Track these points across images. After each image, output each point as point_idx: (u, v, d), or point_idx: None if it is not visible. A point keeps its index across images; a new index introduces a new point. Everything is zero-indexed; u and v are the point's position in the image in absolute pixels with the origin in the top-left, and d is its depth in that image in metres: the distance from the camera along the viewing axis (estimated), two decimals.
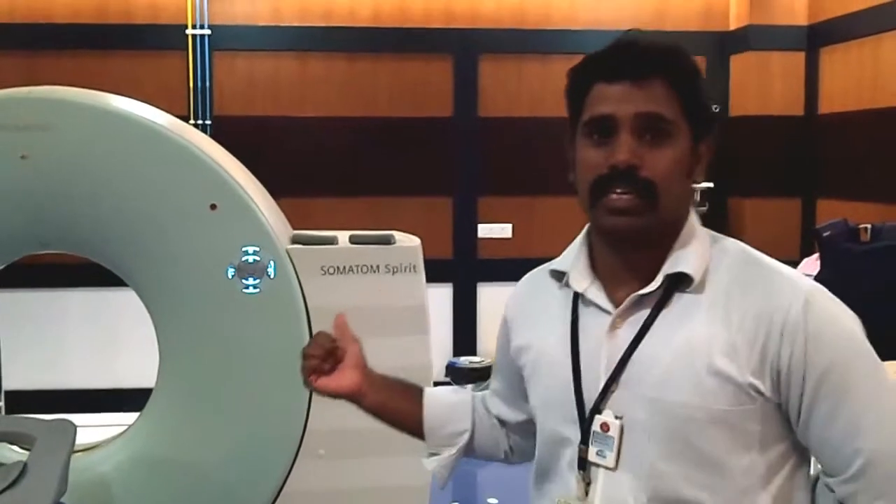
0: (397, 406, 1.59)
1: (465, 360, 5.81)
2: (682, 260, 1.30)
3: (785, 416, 1.27)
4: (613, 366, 1.30)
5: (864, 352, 1.27)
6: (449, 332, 5.92)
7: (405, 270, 2.90)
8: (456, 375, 5.68)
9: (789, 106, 5.65)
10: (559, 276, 1.42)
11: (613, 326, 1.32)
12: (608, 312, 1.33)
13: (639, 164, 1.26)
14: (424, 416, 1.58)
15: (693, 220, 1.35)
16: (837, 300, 1.30)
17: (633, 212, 1.27)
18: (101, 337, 5.58)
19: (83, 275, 4.22)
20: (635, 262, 1.32)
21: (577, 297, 1.38)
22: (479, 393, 1.66)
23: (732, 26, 5.76)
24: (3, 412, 4.23)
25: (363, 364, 1.55)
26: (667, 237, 1.32)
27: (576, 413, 1.33)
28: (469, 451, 1.61)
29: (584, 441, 1.31)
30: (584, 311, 1.37)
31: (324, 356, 1.51)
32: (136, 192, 2.73)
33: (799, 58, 5.70)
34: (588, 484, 1.31)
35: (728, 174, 5.45)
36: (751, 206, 5.56)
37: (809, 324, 1.24)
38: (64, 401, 5.24)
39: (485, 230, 5.92)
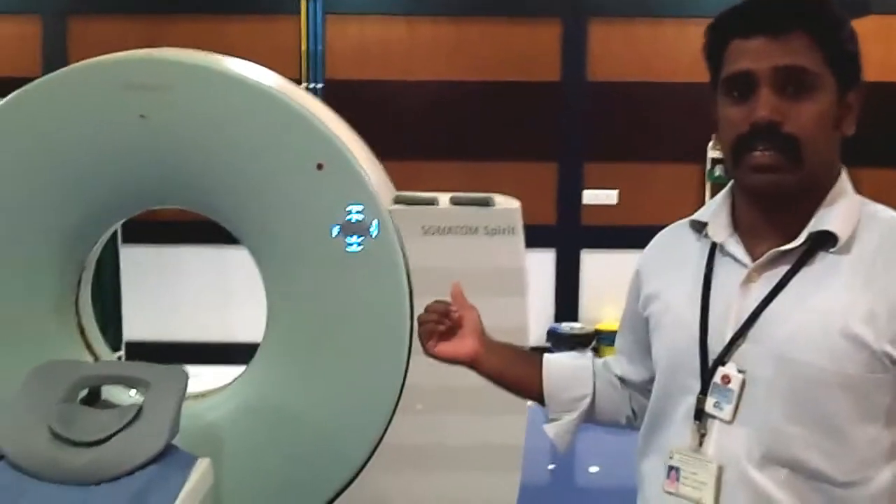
0: (516, 372, 1.61)
1: (566, 327, 5.82)
2: (829, 218, 1.26)
3: None
4: (743, 319, 1.28)
5: None
6: (551, 298, 5.93)
7: (504, 232, 2.92)
8: (557, 341, 5.70)
9: (885, 72, 5.41)
10: (699, 227, 1.40)
11: (748, 280, 1.30)
12: (745, 266, 1.31)
13: (780, 119, 1.23)
14: (544, 382, 1.59)
15: (844, 179, 1.32)
16: None
17: (777, 168, 1.24)
18: (217, 292, 5.80)
19: (201, 232, 4.38)
20: (779, 219, 1.30)
21: (713, 250, 1.36)
22: (601, 360, 1.66)
23: None
24: (124, 360, 4.45)
25: (481, 330, 1.57)
26: (814, 194, 1.29)
27: (698, 363, 1.32)
28: (590, 416, 1.61)
29: (704, 391, 1.30)
30: (719, 263, 1.35)
31: (438, 320, 1.54)
32: (246, 151, 2.83)
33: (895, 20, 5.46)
34: (702, 436, 1.31)
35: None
36: (865, 176, 5.35)
37: None
38: (180, 352, 5.46)
39: (590, 196, 5.89)
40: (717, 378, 1.29)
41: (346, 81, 5.73)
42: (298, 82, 5.28)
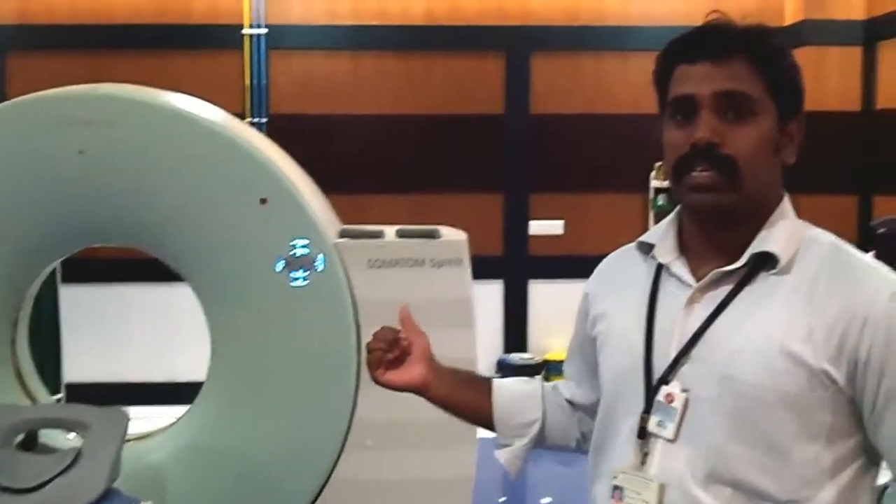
0: (466, 398, 1.58)
1: (515, 357, 5.82)
2: (770, 240, 1.29)
3: (857, 411, 1.25)
4: (687, 339, 1.30)
5: None
6: (500, 328, 5.94)
7: (451, 264, 2.92)
8: (506, 372, 5.69)
9: (846, 101, 5.56)
10: (646, 248, 1.42)
11: (692, 300, 1.31)
12: (689, 286, 1.33)
13: (719, 141, 1.26)
14: (494, 407, 1.57)
15: (786, 203, 1.34)
16: None
17: (715, 188, 1.27)
18: (160, 331, 5.70)
19: (144, 270, 4.32)
20: (722, 240, 1.32)
21: (659, 270, 1.38)
22: (550, 384, 1.65)
23: (788, 21, 5.69)
24: (63, 403, 4.35)
25: (429, 356, 1.55)
26: (754, 216, 1.31)
27: (643, 382, 1.33)
28: (540, 440, 1.60)
29: (647, 410, 1.31)
30: (665, 284, 1.37)
31: (387, 348, 1.51)
32: (188, 187, 2.80)
33: (856, 52, 5.61)
34: (645, 455, 1.31)
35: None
36: (807, 203, 5.47)
37: (894, 318, 1.22)
38: (122, 393, 5.37)
39: (536, 227, 5.93)
40: (660, 397, 1.31)
41: (290, 115, 5.71)
42: (242, 117, 5.25)
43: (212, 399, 2.92)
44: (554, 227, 5.94)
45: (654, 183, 5.79)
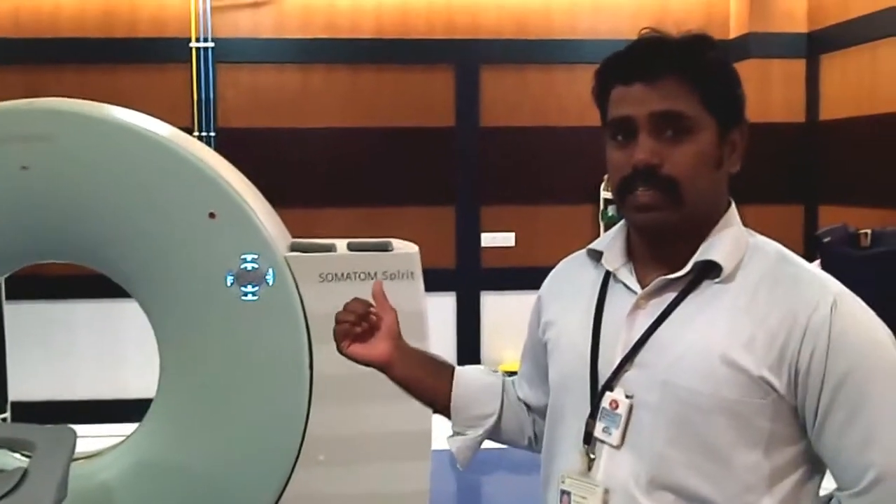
0: (426, 381, 1.58)
1: None
2: (714, 249, 1.30)
3: (801, 420, 1.26)
4: (630, 345, 1.31)
5: (889, 362, 1.24)
6: (453, 341, 5.93)
7: (403, 277, 2.91)
8: None
9: (790, 113, 5.66)
10: (596, 255, 1.44)
11: (636, 307, 1.33)
12: (634, 293, 1.34)
13: (658, 162, 1.27)
14: (453, 395, 1.57)
15: (732, 212, 1.36)
16: (867, 307, 1.28)
17: (658, 207, 1.28)
18: (107, 348, 5.61)
19: (90, 286, 4.25)
20: (666, 251, 1.34)
21: (607, 277, 1.40)
22: (511, 378, 1.66)
23: (733, 34, 5.79)
24: (9, 422, 4.26)
25: (397, 335, 1.56)
26: (700, 228, 1.33)
27: (588, 387, 1.34)
28: (494, 434, 1.60)
29: (593, 416, 1.33)
30: (612, 291, 1.38)
31: (356, 320, 1.52)
32: (135, 202, 2.76)
33: (799, 65, 5.72)
34: (592, 460, 1.33)
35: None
36: (753, 213, 5.54)
37: (834, 326, 1.22)
38: (70, 411, 5.26)
39: (488, 239, 5.94)
40: (605, 403, 1.32)
41: (238, 129, 5.67)
42: (190, 131, 5.20)
43: (162, 416, 2.88)
44: (505, 238, 5.96)
45: (604, 194, 5.84)
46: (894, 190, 4.96)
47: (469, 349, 5.94)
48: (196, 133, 5.47)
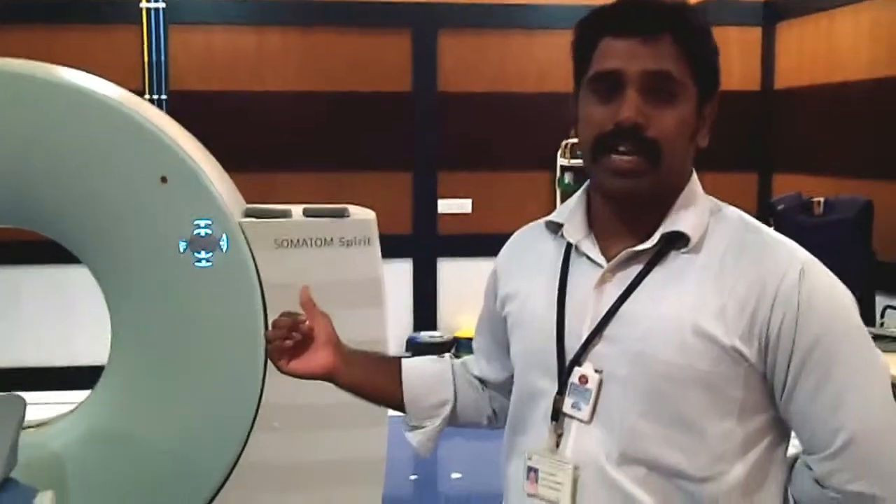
0: (375, 381, 1.54)
1: (425, 335, 5.82)
2: (681, 220, 1.28)
3: (769, 387, 1.25)
4: (598, 319, 1.28)
5: (856, 328, 1.25)
6: (409, 307, 5.93)
7: (359, 243, 2.89)
8: (416, 350, 5.70)
9: (746, 81, 5.69)
10: (555, 227, 1.40)
11: (603, 280, 1.30)
12: (599, 266, 1.31)
13: (644, 123, 1.23)
14: (405, 390, 1.53)
15: (695, 181, 1.33)
16: (832, 274, 1.27)
17: (636, 174, 1.24)
18: (58, 314, 5.53)
19: (40, 251, 4.16)
20: (633, 221, 1.30)
21: (569, 250, 1.36)
22: (459, 360, 1.63)
23: (690, 1, 5.79)
24: None
25: (335, 340, 1.49)
26: (667, 197, 1.30)
27: (555, 364, 1.31)
28: (452, 420, 1.57)
29: (561, 392, 1.30)
30: (575, 264, 1.34)
31: (286, 335, 1.44)
32: (85, 166, 2.70)
33: (756, 33, 5.75)
34: (560, 436, 1.30)
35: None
36: (708, 180, 5.56)
37: (803, 293, 1.22)
38: (19, 379, 5.18)
39: (444, 206, 5.93)
40: (574, 378, 1.29)
41: (191, 92, 5.57)
42: (141, 94, 5.09)
43: (114, 383, 2.84)
44: (462, 205, 5.94)
45: (561, 161, 5.84)
46: (847, 158, 5.02)
47: (425, 316, 5.94)
48: (147, 96, 5.37)
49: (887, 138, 4.72)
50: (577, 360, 1.30)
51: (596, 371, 1.28)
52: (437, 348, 5.67)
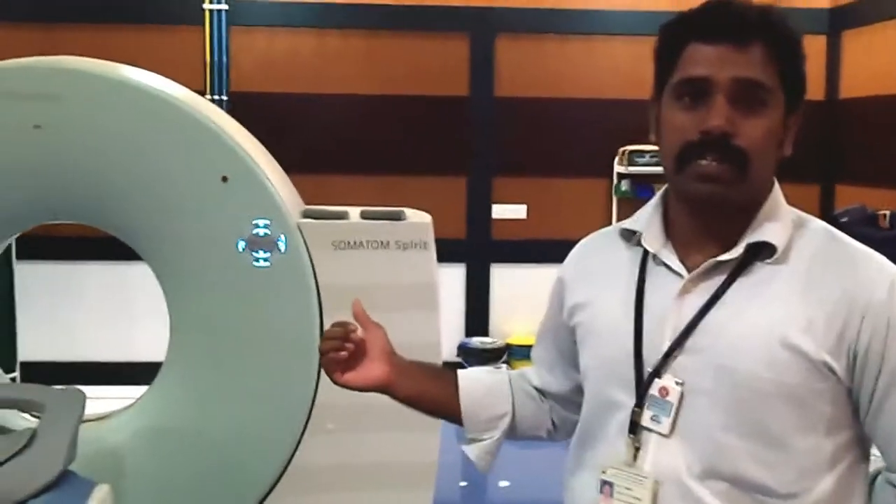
0: (432, 393, 1.53)
1: (477, 341, 5.80)
2: (766, 230, 1.25)
3: (854, 402, 1.23)
4: (680, 330, 1.26)
5: None
6: (462, 312, 5.91)
7: (415, 247, 2.88)
8: (468, 356, 5.68)
9: (810, 90, 5.39)
10: (629, 235, 1.38)
11: (685, 290, 1.27)
12: (680, 276, 1.28)
13: (732, 131, 1.21)
14: (462, 401, 1.51)
15: (777, 192, 1.31)
16: None
17: (723, 180, 1.22)
18: (118, 310, 5.61)
19: (101, 248, 4.24)
20: (715, 230, 1.28)
21: (645, 259, 1.34)
22: (517, 371, 1.61)
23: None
24: (18, 382, 4.26)
25: (389, 352, 1.49)
26: (750, 207, 1.27)
27: (633, 375, 1.29)
28: (511, 433, 1.55)
29: (639, 405, 1.27)
30: (653, 273, 1.32)
31: (339, 346, 1.44)
32: (147, 163, 2.73)
33: (820, 41, 5.64)
34: (637, 450, 1.28)
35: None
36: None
37: (894, 308, 1.20)
38: (79, 373, 5.27)
39: (499, 211, 5.91)
40: (653, 390, 1.27)
41: (252, 94, 5.62)
42: (202, 95, 5.16)
43: (171, 380, 2.87)
44: (517, 210, 5.92)
45: (618, 168, 5.79)
46: None
47: (478, 321, 5.92)
48: (208, 97, 5.43)
49: None
50: (658, 371, 1.27)
51: (677, 383, 1.25)
52: (489, 354, 5.65)
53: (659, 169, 1.35)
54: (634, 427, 1.28)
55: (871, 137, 5.29)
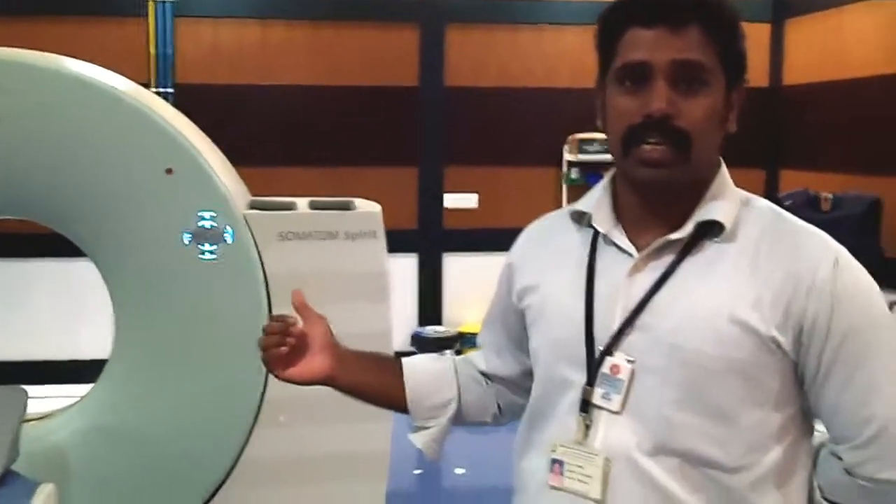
0: (376, 383, 1.52)
1: (430, 330, 5.81)
2: (715, 208, 1.27)
3: (799, 377, 1.25)
4: (631, 308, 1.27)
5: (887, 318, 1.25)
6: (414, 302, 5.91)
7: (365, 236, 2.87)
8: (421, 345, 5.68)
9: (754, 77, 5.52)
10: (579, 217, 1.38)
11: (635, 270, 1.28)
12: (630, 255, 1.30)
13: (674, 113, 1.22)
14: (407, 390, 1.50)
15: (724, 172, 1.32)
16: (861, 266, 1.27)
17: (666, 163, 1.23)
18: (61, 308, 5.52)
19: (45, 244, 4.15)
20: (663, 210, 1.29)
21: (595, 240, 1.34)
22: (461, 357, 1.60)
23: None
24: None
25: (332, 343, 1.46)
26: (697, 186, 1.29)
27: (584, 354, 1.29)
28: (457, 419, 1.54)
29: (590, 383, 1.28)
30: (603, 253, 1.33)
31: (279, 342, 1.41)
32: (89, 157, 2.68)
33: (764, 29, 5.71)
34: (588, 427, 1.28)
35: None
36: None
37: (837, 284, 1.22)
38: (22, 372, 5.18)
39: (450, 200, 5.90)
40: (605, 368, 1.27)
41: (197, 86, 5.55)
42: (147, 87, 5.08)
43: (117, 377, 2.82)
44: (468, 200, 5.92)
45: (568, 156, 5.82)
46: (855, 155, 4.99)
47: (430, 311, 5.92)
48: (153, 89, 5.35)
49: (895, 135, 4.68)
50: (609, 350, 1.28)
51: (628, 361, 1.26)
52: (442, 343, 5.65)
53: (608, 157, 1.36)
54: (585, 405, 1.29)
55: (814, 123, 5.37)
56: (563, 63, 5.78)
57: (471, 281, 5.74)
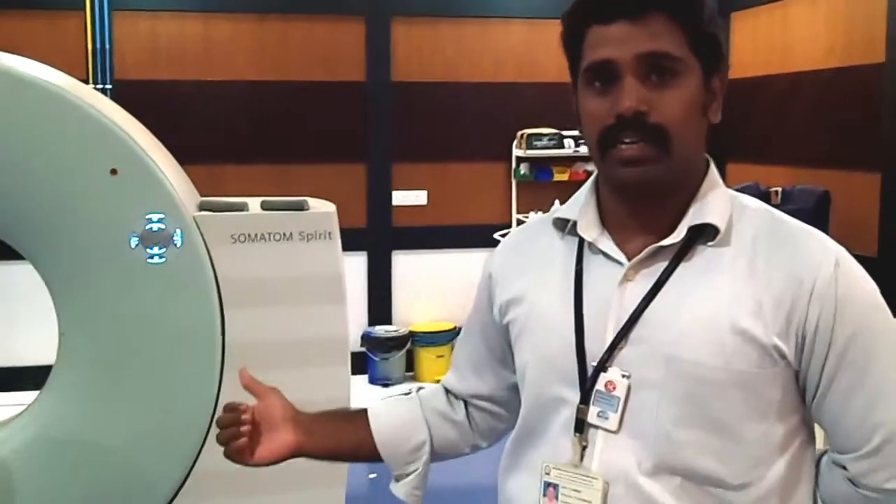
0: (345, 442, 1.46)
1: (380, 330, 5.73)
2: (708, 210, 1.20)
3: (801, 385, 1.20)
4: (624, 321, 1.20)
5: (889, 320, 1.21)
6: (364, 301, 5.83)
7: (320, 237, 2.79)
8: (372, 345, 5.61)
9: None
10: (562, 224, 1.31)
11: (626, 279, 1.22)
12: (620, 263, 1.23)
13: (646, 109, 1.16)
14: (377, 441, 1.45)
15: (713, 171, 1.26)
16: (859, 264, 1.22)
17: (646, 161, 1.17)
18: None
19: None
20: (651, 214, 1.23)
21: (581, 248, 1.28)
22: (425, 391, 1.54)
23: None
24: None
25: (292, 414, 1.41)
26: (685, 185, 1.23)
27: (576, 371, 1.23)
28: (435, 458, 1.49)
29: (585, 401, 1.21)
30: (590, 262, 1.26)
31: (236, 434, 1.35)
32: (29, 157, 2.56)
33: None
34: (584, 449, 1.21)
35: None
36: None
37: (840, 287, 1.16)
38: None
39: (399, 197, 5.84)
40: (599, 385, 1.21)
41: (137, 82, 5.40)
42: (85, 83, 4.92)
43: (61, 386, 2.71)
44: (417, 197, 5.86)
45: (517, 152, 5.78)
46: (804, 148, 5.03)
47: (380, 310, 5.84)
48: (92, 85, 5.19)
49: (842, 129, 4.73)
50: (603, 365, 1.21)
51: (624, 376, 1.20)
52: (392, 342, 5.58)
53: (557, 152, 1.30)
54: (581, 425, 1.22)
55: (761, 116, 5.41)
56: (511, 57, 5.75)
57: (421, 279, 5.69)
